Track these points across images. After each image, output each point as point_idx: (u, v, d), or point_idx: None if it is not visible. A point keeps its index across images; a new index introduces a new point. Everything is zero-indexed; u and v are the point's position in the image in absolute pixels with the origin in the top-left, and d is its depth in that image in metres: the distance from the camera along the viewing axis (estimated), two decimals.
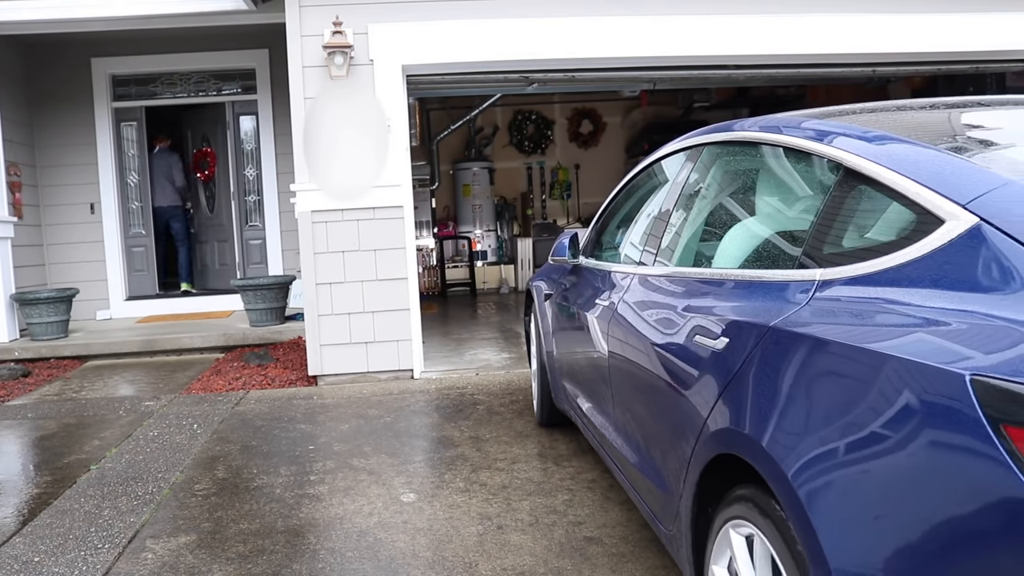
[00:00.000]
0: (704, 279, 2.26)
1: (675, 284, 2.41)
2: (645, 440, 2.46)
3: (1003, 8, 6.05)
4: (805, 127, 2.05)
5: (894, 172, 1.63)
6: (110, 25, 6.75)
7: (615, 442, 2.81)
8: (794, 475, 1.50)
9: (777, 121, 2.22)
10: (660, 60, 6.00)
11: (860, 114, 2.12)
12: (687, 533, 2.03)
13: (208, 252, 8.62)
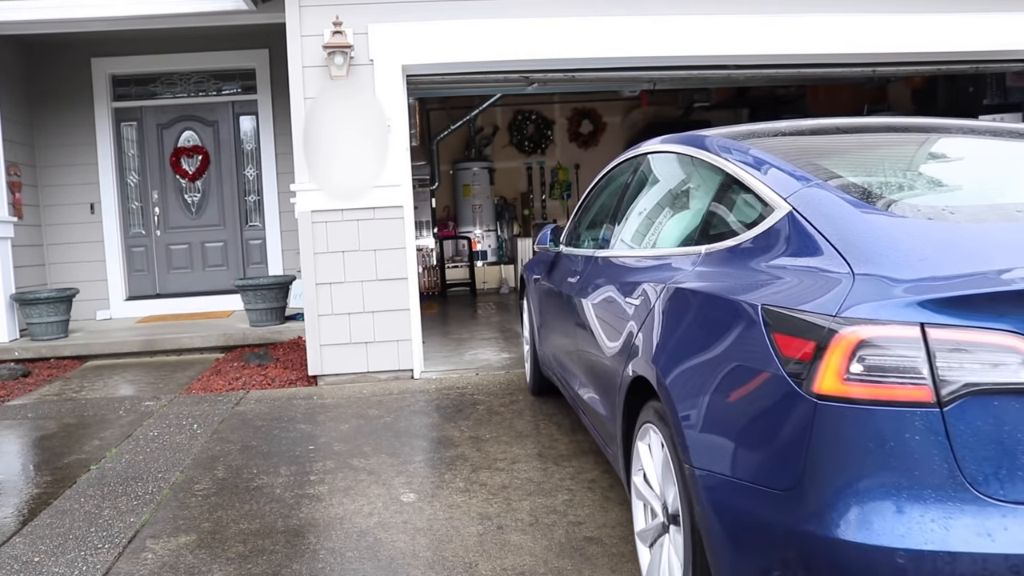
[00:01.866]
0: (634, 257, 3.01)
1: (616, 263, 3.15)
2: (595, 381, 3.15)
3: (1003, 8, 6.05)
4: (702, 142, 2.69)
5: (751, 175, 2.31)
6: (110, 25, 6.75)
7: (580, 390, 3.50)
8: (670, 385, 2.18)
9: (686, 137, 2.90)
10: (660, 60, 6.00)
11: (761, 137, 2.68)
12: (620, 443, 2.73)
13: (208, 252, 8.62)
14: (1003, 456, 1.55)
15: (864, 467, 1.59)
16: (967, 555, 1.51)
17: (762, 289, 1.93)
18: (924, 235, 1.83)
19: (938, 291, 1.61)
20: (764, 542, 1.79)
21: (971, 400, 1.56)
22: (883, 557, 1.54)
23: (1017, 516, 1.52)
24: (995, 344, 1.57)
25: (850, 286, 1.72)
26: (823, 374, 1.63)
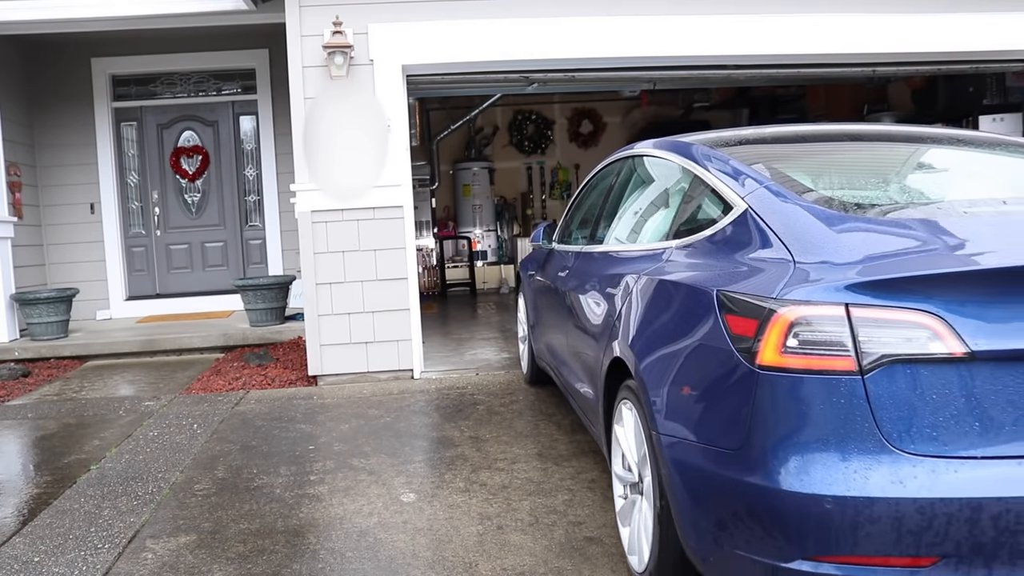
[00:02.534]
0: (616, 251, 3.28)
1: (600, 257, 3.42)
2: (582, 366, 3.43)
3: (1003, 8, 6.05)
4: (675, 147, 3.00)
5: (714, 176, 2.61)
6: (110, 25, 6.74)
7: (569, 376, 3.79)
8: (640, 363, 2.50)
9: (661, 142, 3.20)
10: (660, 60, 6.00)
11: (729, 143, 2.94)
12: (601, 420, 3.05)
13: (208, 252, 8.61)
14: (913, 416, 1.83)
15: (798, 427, 1.88)
16: (882, 499, 1.79)
17: (719, 277, 2.23)
18: (856, 228, 2.15)
19: (861, 276, 1.90)
20: (717, 495, 2.08)
21: (887, 369, 1.84)
22: (814, 503, 1.83)
23: (923, 466, 1.81)
24: (908, 321, 1.84)
25: (790, 273, 2.02)
26: (764, 348, 1.93)
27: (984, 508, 1.78)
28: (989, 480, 1.80)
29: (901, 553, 1.82)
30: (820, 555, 1.86)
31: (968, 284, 1.87)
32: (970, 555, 1.80)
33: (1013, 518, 1.77)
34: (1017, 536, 1.78)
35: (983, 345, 1.83)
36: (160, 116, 8.45)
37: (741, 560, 2.02)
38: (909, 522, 1.80)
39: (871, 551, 1.83)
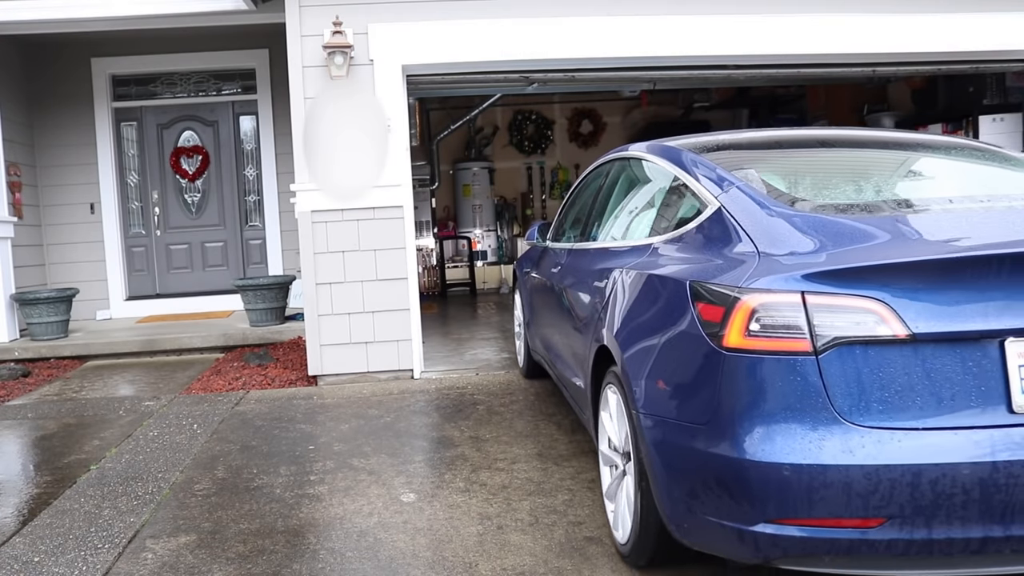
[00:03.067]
0: (600, 248, 3.51)
1: (590, 253, 3.63)
2: (572, 356, 3.63)
3: (1003, 8, 6.05)
4: (658, 150, 3.23)
5: (692, 178, 2.83)
6: (110, 25, 6.74)
7: (561, 367, 4.00)
8: (623, 349, 2.70)
9: (646, 145, 3.43)
10: (660, 60, 6.00)
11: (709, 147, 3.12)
12: (589, 405, 3.25)
13: (208, 252, 8.61)
14: (862, 392, 2.05)
15: (760, 403, 2.09)
16: (834, 466, 2.01)
17: (692, 269, 2.45)
18: (815, 224, 2.35)
19: (816, 267, 2.12)
20: (689, 466, 2.29)
21: (839, 350, 2.06)
22: (774, 471, 2.05)
23: (871, 436, 2.02)
24: (857, 307, 2.06)
25: (755, 265, 2.23)
26: (730, 332, 2.14)
27: (923, 473, 1.99)
28: (928, 448, 2.01)
29: (852, 515, 2.03)
30: (780, 518, 2.08)
31: (911, 273, 2.08)
32: (912, 516, 2.01)
33: (949, 482, 1.99)
34: (953, 498, 1.99)
35: (923, 328, 2.05)
36: (160, 116, 8.45)
37: (711, 525, 2.23)
38: (858, 487, 2.01)
39: (825, 514, 2.05)
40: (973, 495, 2.00)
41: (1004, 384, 2.05)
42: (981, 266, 2.09)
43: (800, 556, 2.12)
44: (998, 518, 2.01)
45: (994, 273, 2.08)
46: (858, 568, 2.12)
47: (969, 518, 2.01)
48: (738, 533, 2.15)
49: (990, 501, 2.00)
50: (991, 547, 2.03)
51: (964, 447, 2.01)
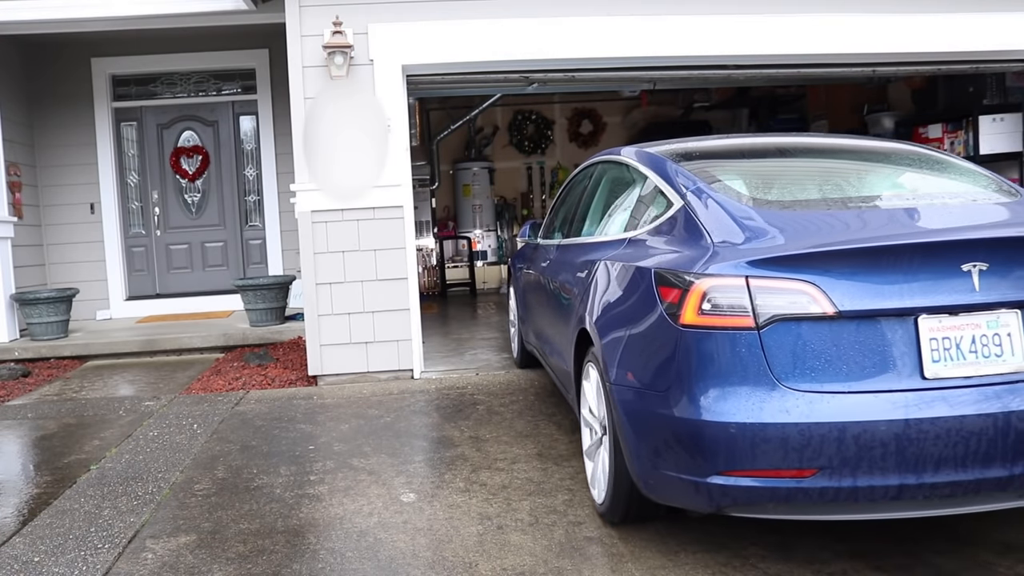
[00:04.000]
0: (584, 243, 3.85)
1: (574, 247, 3.97)
2: (558, 338, 3.95)
3: (1003, 8, 6.05)
4: (637, 155, 3.54)
5: (661, 180, 3.18)
6: (110, 25, 6.74)
7: (549, 352, 4.35)
8: (600, 329, 3.06)
9: (623, 150, 3.77)
10: (660, 60, 6.00)
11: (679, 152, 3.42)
12: (573, 383, 3.58)
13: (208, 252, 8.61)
14: (796, 360, 2.40)
15: (710, 371, 2.44)
16: (773, 424, 2.36)
17: (659, 259, 2.79)
18: (761, 218, 2.69)
19: (758, 255, 2.47)
20: (652, 427, 2.63)
21: (777, 325, 2.41)
22: (722, 429, 2.39)
23: (804, 398, 2.37)
24: (792, 288, 2.41)
25: (709, 254, 2.58)
26: (685, 311, 2.50)
27: (847, 430, 2.33)
28: (852, 408, 2.36)
29: (788, 466, 2.37)
30: (729, 470, 2.41)
31: (838, 260, 2.43)
32: (840, 467, 2.35)
33: (869, 437, 2.33)
34: (873, 451, 2.33)
35: (848, 306, 2.40)
36: (160, 116, 8.45)
37: (672, 480, 2.58)
38: (793, 441, 2.35)
39: (766, 465, 2.38)
40: (890, 448, 2.34)
41: (917, 354, 2.41)
42: (898, 253, 2.45)
43: (747, 504, 2.47)
44: (912, 468, 2.35)
45: (909, 259, 2.44)
46: (796, 514, 2.48)
47: (887, 468, 2.35)
48: (694, 485, 2.49)
49: (904, 453, 2.34)
50: (907, 493, 2.37)
51: (882, 407, 2.35)
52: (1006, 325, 2.45)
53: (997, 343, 2.44)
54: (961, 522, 2.96)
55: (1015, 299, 2.45)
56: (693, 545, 2.86)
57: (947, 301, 2.43)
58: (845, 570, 2.64)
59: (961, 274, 2.43)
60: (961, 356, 2.43)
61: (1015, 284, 2.46)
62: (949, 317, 2.43)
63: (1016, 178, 7.02)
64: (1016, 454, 2.37)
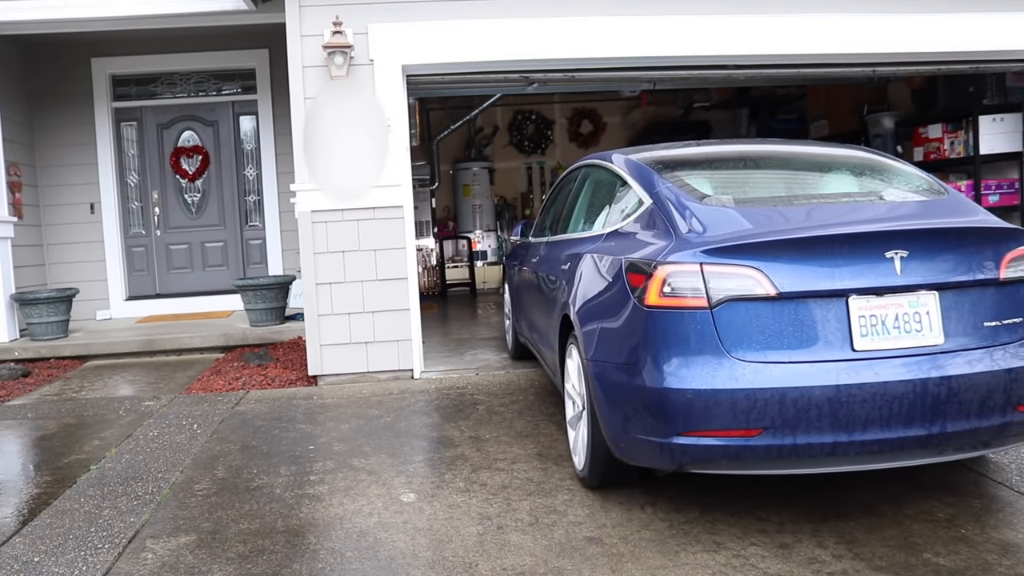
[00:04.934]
0: (568, 239, 4.23)
1: (560, 243, 4.35)
2: (545, 326, 4.33)
3: (1003, 8, 6.05)
4: (615, 160, 3.90)
5: (635, 181, 3.56)
6: (110, 25, 6.74)
7: (539, 340, 4.68)
8: (579, 313, 3.45)
9: (602, 155, 4.21)
10: (660, 60, 6.00)
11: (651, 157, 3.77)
12: (558, 366, 3.95)
13: (208, 252, 8.61)
14: (744, 335, 2.77)
15: (671, 345, 2.81)
16: (724, 390, 2.72)
17: (629, 250, 3.18)
18: (717, 214, 3.08)
19: (710, 245, 2.85)
20: (623, 396, 3.00)
21: (727, 305, 2.78)
22: (681, 395, 2.76)
23: (750, 367, 2.74)
24: (740, 273, 2.78)
25: (671, 245, 2.97)
26: (649, 294, 2.87)
27: (787, 394, 2.70)
28: (791, 376, 2.72)
29: (737, 427, 2.73)
30: (688, 431, 2.77)
31: (779, 248, 2.81)
32: (781, 427, 2.71)
33: (806, 401, 2.70)
34: (809, 412, 2.70)
35: (787, 288, 2.77)
36: (160, 116, 8.45)
37: (640, 442, 2.93)
38: (741, 405, 2.71)
39: (718, 426, 2.74)
40: (824, 410, 2.70)
41: (848, 330, 2.79)
42: (831, 242, 2.83)
43: (703, 461, 2.83)
44: (844, 428, 2.71)
45: (840, 248, 2.82)
46: (746, 469, 2.83)
47: (823, 428, 2.71)
48: (659, 446, 2.85)
49: (837, 415, 2.70)
50: (840, 450, 2.74)
51: (817, 375, 2.72)
52: (925, 305, 2.83)
53: (917, 320, 2.82)
54: (962, 523, 2.96)
55: (933, 282, 2.83)
56: (693, 545, 2.86)
57: (873, 284, 2.81)
58: (845, 570, 2.64)
59: (885, 260, 2.82)
60: (886, 331, 2.80)
61: (933, 269, 2.84)
62: (876, 298, 2.81)
63: (1016, 178, 7.02)
64: (933, 416, 2.73)
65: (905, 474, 3.44)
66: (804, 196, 3.36)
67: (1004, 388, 2.80)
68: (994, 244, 2.95)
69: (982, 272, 2.89)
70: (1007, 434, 2.87)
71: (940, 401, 2.73)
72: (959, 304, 2.86)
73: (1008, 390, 2.80)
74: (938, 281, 2.84)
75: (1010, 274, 2.91)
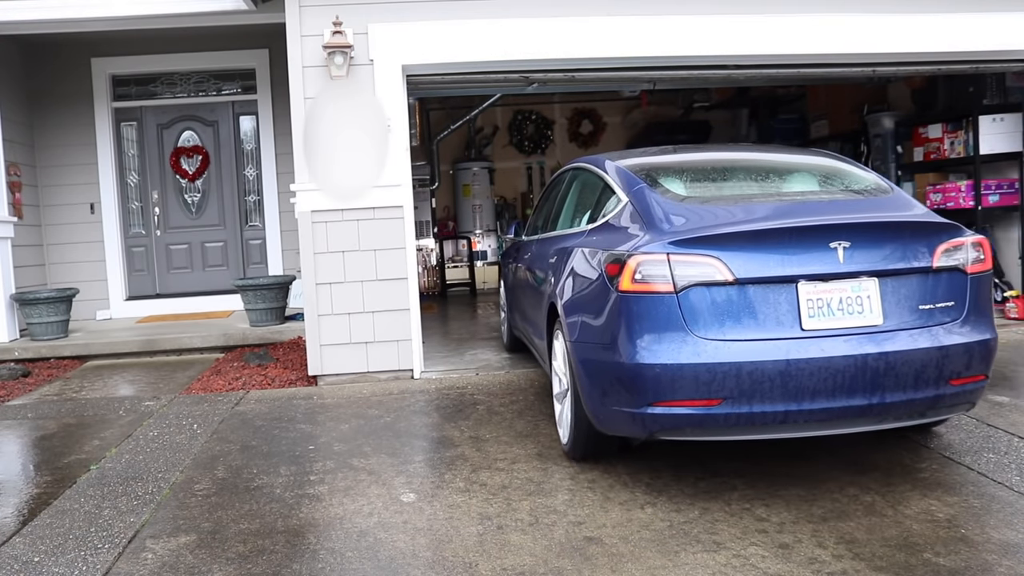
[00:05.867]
0: (556, 235, 4.57)
1: (548, 240, 4.70)
2: (535, 315, 4.69)
3: (1003, 8, 6.05)
4: (598, 163, 4.29)
5: (614, 182, 3.93)
6: (110, 25, 6.74)
7: (530, 330, 5.02)
8: (562, 301, 3.81)
9: (588, 159, 4.58)
10: (660, 60, 6.00)
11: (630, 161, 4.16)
12: (547, 350, 4.32)
13: (208, 252, 8.61)
14: (705, 316, 3.12)
15: (642, 325, 3.16)
16: (688, 364, 3.07)
17: (607, 244, 3.53)
18: (684, 210, 3.45)
19: (676, 237, 3.21)
20: (600, 372, 3.35)
21: (691, 290, 3.13)
22: (651, 369, 3.10)
23: (711, 344, 3.09)
24: (702, 262, 3.13)
25: (643, 238, 3.32)
26: (623, 280, 3.22)
27: (743, 368, 3.04)
28: (747, 352, 3.06)
29: (700, 397, 3.07)
30: (657, 402, 3.12)
31: (737, 240, 3.16)
32: (739, 397, 3.06)
33: (759, 374, 3.04)
34: (763, 384, 3.04)
35: (744, 275, 3.11)
36: (160, 116, 8.45)
37: (616, 413, 3.29)
38: (703, 378, 3.06)
39: (684, 397, 3.08)
40: (776, 382, 3.04)
41: (797, 311, 3.13)
42: (782, 234, 3.18)
43: (672, 429, 3.18)
44: (794, 398, 3.05)
45: (789, 239, 3.17)
46: (709, 436, 3.20)
47: (775, 398, 3.05)
48: (632, 416, 3.20)
49: (787, 386, 3.04)
50: (791, 418, 3.08)
51: (770, 351, 3.06)
52: (866, 289, 3.17)
53: (859, 303, 3.16)
54: (962, 523, 2.96)
55: (873, 269, 3.18)
56: (693, 545, 2.86)
57: (820, 271, 3.15)
58: (845, 570, 2.64)
59: (830, 250, 3.16)
60: (831, 313, 3.15)
61: (873, 258, 3.19)
62: (822, 283, 3.16)
63: (1016, 178, 7.02)
64: (873, 388, 3.08)
65: (905, 474, 3.44)
66: (763, 194, 3.67)
67: (937, 364, 3.13)
68: (928, 236, 3.28)
69: (918, 261, 3.23)
70: (940, 405, 3.23)
71: (879, 375, 3.07)
72: (897, 289, 3.20)
73: (940, 366, 3.14)
74: (878, 268, 3.18)
75: (943, 263, 3.25)
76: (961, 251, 3.30)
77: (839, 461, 3.63)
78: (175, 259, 8.54)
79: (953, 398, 3.23)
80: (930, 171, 7.84)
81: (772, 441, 3.91)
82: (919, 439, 3.88)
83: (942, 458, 3.62)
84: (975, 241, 3.36)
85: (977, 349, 3.23)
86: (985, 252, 3.39)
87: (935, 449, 3.74)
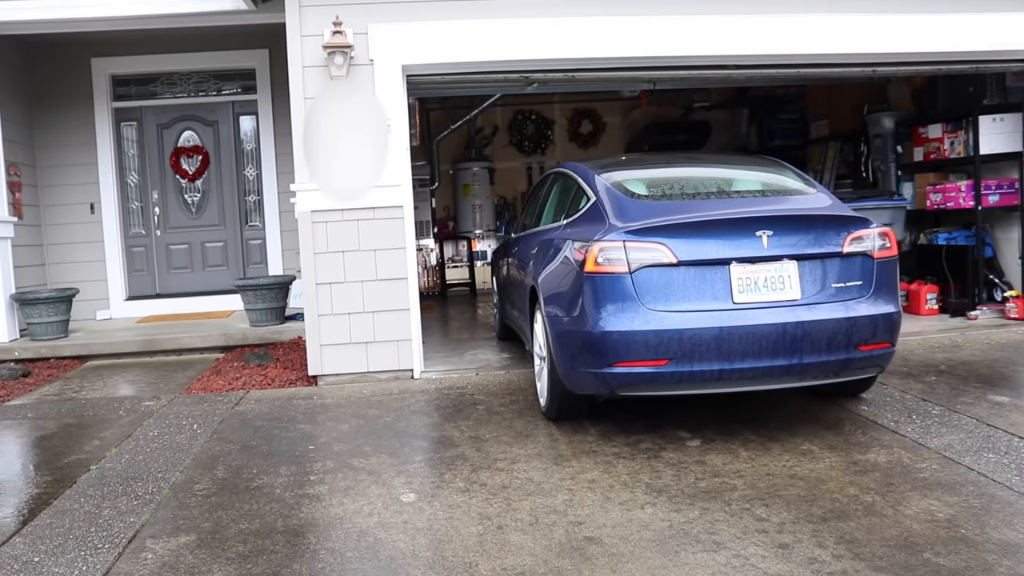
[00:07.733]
0: (538, 231, 5.23)
1: (531, 236, 5.31)
2: (520, 300, 5.28)
3: (1003, 8, 6.05)
4: (574, 168, 4.97)
5: (585, 184, 4.59)
6: (110, 25, 6.74)
7: (517, 317, 5.57)
8: (539, 283, 4.52)
9: (565, 164, 5.27)
10: (660, 60, 6.00)
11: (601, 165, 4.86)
12: (529, 330, 4.95)
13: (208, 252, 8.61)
14: (654, 291, 3.75)
15: (603, 300, 3.78)
16: (640, 331, 3.70)
17: (576, 235, 4.19)
18: (641, 206, 4.11)
19: (631, 227, 3.85)
20: (570, 341, 3.99)
21: (642, 270, 3.76)
22: (610, 336, 3.73)
23: (658, 315, 3.72)
24: (651, 248, 3.77)
25: (605, 228, 3.95)
26: (587, 263, 3.85)
27: (685, 333, 3.68)
28: (688, 320, 3.70)
29: (650, 358, 3.70)
30: (616, 363, 3.75)
31: (680, 229, 3.82)
32: (682, 358, 3.70)
33: (699, 339, 3.67)
34: (701, 347, 3.68)
35: (685, 257, 3.76)
36: (160, 116, 8.45)
37: (583, 374, 3.92)
38: (652, 342, 3.69)
39: (637, 358, 3.72)
40: (712, 346, 3.68)
41: (729, 288, 3.78)
42: (716, 224, 3.87)
43: (627, 385, 3.81)
44: (727, 358, 3.70)
45: (722, 228, 3.85)
46: (659, 391, 3.83)
47: (711, 358, 3.69)
48: (596, 375, 3.84)
49: (721, 349, 3.69)
50: (725, 375, 3.74)
51: (707, 319, 3.70)
52: (787, 270, 3.82)
53: (781, 281, 3.81)
54: (962, 523, 2.96)
55: (793, 253, 3.82)
56: (693, 545, 2.86)
57: (748, 254, 3.80)
58: (845, 570, 2.64)
59: (756, 238, 3.80)
60: (758, 289, 3.79)
61: (791, 244, 3.82)
62: (750, 265, 3.80)
63: (1016, 178, 7.02)
64: (792, 351, 3.72)
65: (905, 474, 3.45)
66: (706, 193, 4.42)
67: (846, 332, 3.79)
68: (838, 227, 3.93)
69: (830, 247, 3.87)
70: (852, 367, 3.89)
71: (797, 340, 3.72)
72: (813, 270, 3.86)
73: (849, 333, 3.79)
74: (797, 253, 3.83)
75: (851, 249, 3.90)
76: (868, 240, 3.94)
77: (839, 461, 3.63)
78: (175, 259, 8.54)
79: (863, 361, 3.88)
80: (930, 171, 7.83)
81: (772, 441, 3.92)
82: (919, 439, 3.88)
83: (942, 458, 3.62)
84: (881, 231, 3.99)
85: (881, 321, 3.86)
86: (891, 241, 4.01)
87: (935, 449, 3.74)
